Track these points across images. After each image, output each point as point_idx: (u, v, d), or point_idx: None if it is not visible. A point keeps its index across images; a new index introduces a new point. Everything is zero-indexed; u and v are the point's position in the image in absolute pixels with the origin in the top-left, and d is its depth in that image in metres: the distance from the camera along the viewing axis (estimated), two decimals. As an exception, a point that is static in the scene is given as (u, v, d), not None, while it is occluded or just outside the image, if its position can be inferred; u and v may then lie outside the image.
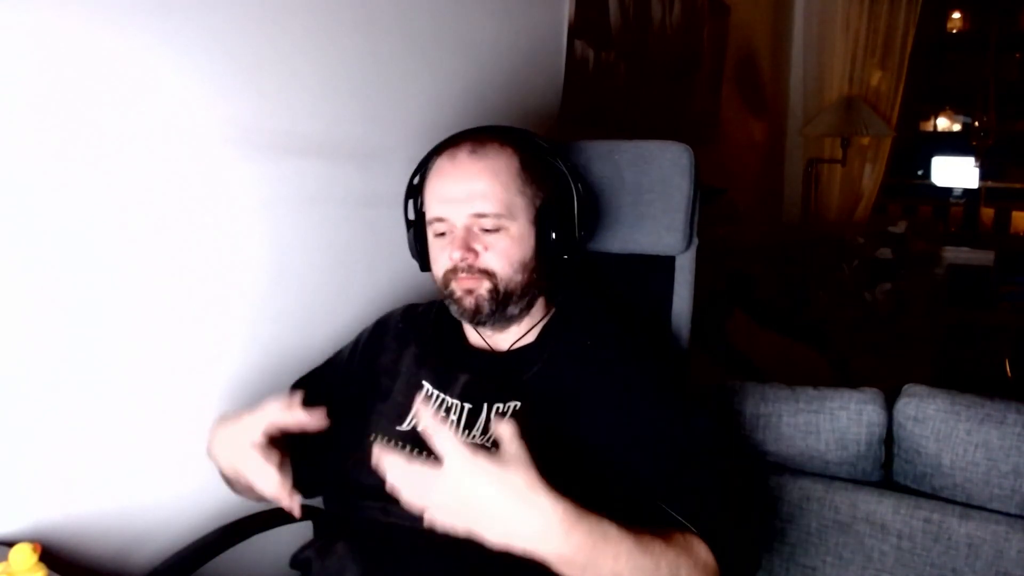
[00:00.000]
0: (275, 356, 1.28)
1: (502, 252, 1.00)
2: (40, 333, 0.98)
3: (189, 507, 1.18)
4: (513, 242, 1.01)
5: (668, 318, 1.27)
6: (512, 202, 1.01)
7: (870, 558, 1.19)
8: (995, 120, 4.88)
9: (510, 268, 1.00)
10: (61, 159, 0.97)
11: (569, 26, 2.00)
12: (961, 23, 5.37)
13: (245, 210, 1.21)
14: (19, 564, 0.82)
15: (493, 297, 1.00)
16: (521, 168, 1.02)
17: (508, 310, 1.02)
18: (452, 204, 1.00)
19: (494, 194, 0.99)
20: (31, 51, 0.93)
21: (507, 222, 1.00)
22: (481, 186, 0.99)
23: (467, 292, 1.01)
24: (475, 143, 1.02)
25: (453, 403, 1.02)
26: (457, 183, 1.00)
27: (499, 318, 1.02)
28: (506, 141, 1.04)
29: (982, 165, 4.87)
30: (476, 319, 1.02)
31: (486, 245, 1.00)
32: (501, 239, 1.00)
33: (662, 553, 0.80)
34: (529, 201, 1.02)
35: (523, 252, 1.02)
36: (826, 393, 1.27)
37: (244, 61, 1.18)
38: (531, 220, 1.02)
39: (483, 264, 1.00)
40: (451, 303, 1.03)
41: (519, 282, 1.01)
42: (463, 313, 1.02)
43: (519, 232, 1.01)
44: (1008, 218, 5.20)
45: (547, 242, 1.03)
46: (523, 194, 1.02)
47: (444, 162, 1.03)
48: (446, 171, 1.02)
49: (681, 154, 1.24)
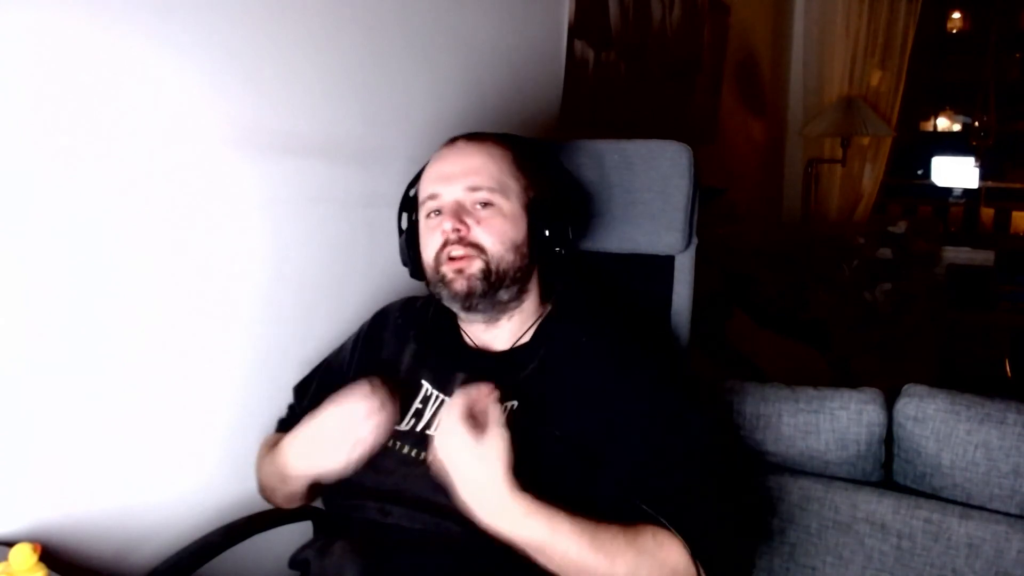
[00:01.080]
0: (275, 355, 1.28)
1: (494, 228, 1.01)
2: (40, 333, 0.98)
3: (189, 507, 1.18)
4: (505, 220, 1.01)
5: (668, 318, 1.27)
6: (505, 183, 1.02)
7: (870, 558, 1.19)
8: (995, 120, 4.88)
9: (501, 246, 1.01)
10: (62, 159, 0.97)
11: (569, 26, 2.00)
12: (961, 23, 5.37)
13: (245, 210, 1.21)
14: (19, 564, 0.82)
15: (485, 277, 1.00)
16: (514, 159, 1.05)
17: (499, 294, 1.02)
18: (446, 180, 1.02)
19: (487, 170, 1.01)
20: (32, 51, 0.93)
21: (499, 199, 1.01)
22: (476, 162, 1.02)
23: (458, 273, 1.00)
24: (472, 135, 1.07)
25: None
26: (454, 163, 1.03)
27: (490, 302, 1.02)
28: (501, 139, 1.07)
29: (982, 165, 4.87)
30: (468, 302, 1.01)
31: (478, 219, 1.01)
32: (494, 216, 1.01)
33: (620, 552, 0.84)
34: (522, 189, 1.04)
35: (515, 232, 1.02)
36: (826, 393, 1.27)
37: (245, 61, 1.18)
38: (523, 206, 1.03)
39: (474, 237, 1.00)
40: (442, 288, 1.02)
41: (510, 262, 1.01)
42: (454, 296, 1.01)
43: (511, 212, 1.02)
44: (1008, 218, 5.20)
45: (539, 230, 1.03)
46: (516, 179, 1.04)
47: (441, 150, 1.06)
48: (443, 154, 1.05)
49: (681, 153, 1.24)
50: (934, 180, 5.01)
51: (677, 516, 0.87)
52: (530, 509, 0.83)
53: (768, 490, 1.27)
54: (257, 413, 1.23)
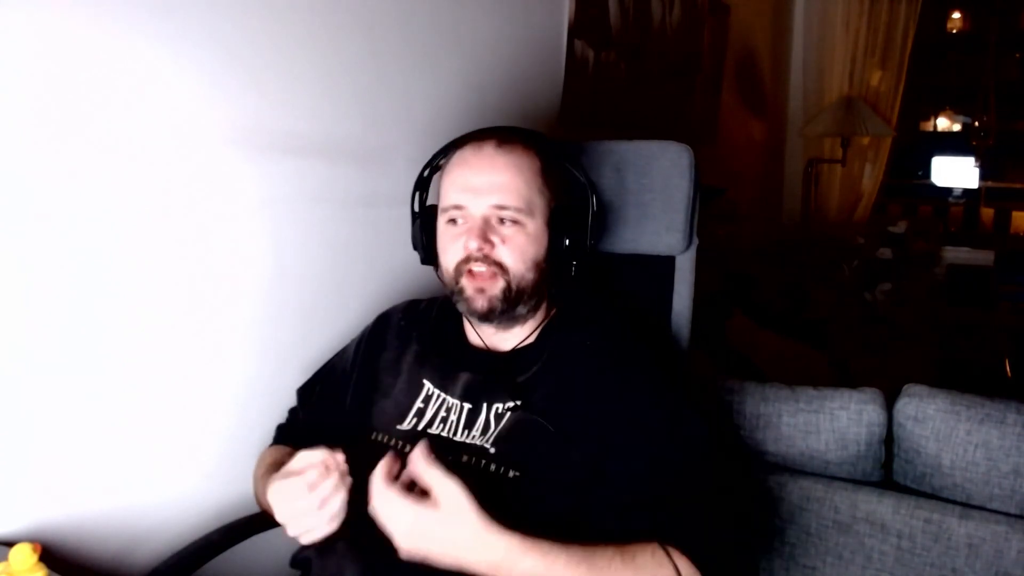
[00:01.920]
0: (275, 355, 1.28)
1: (518, 248, 1.00)
2: (40, 333, 0.98)
3: (189, 507, 1.18)
4: (529, 239, 1.00)
5: (668, 318, 1.27)
6: (532, 200, 1.01)
7: (870, 558, 1.19)
8: (995, 120, 4.88)
9: (523, 265, 1.00)
10: (62, 159, 0.97)
11: (569, 26, 2.00)
12: (961, 23, 5.37)
13: (245, 210, 1.21)
14: (19, 564, 0.82)
15: (506, 297, 0.99)
16: (541, 169, 1.03)
17: (517, 310, 1.02)
18: (473, 193, 1.00)
19: (516, 188, 0.99)
20: (32, 51, 0.93)
21: (525, 218, 1.00)
22: (505, 179, 0.99)
23: (479, 292, 0.99)
24: (501, 139, 1.03)
25: (453, 403, 1.02)
26: (481, 173, 1.00)
27: (507, 317, 1.02)
28: (529, 143, 1.05)
29: (982, 165, 4.87)
30: (487, 319, 1.01)
31: (503, 238, 0.99)
32: (518, 234, 1.00)
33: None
34: (547, 203, 1.03)
35: (537, 251, 1.01)
36: (826, 393, 1.27)
37: (245, 61, 1.18)
38: (546, 221, 1.02)
39: (497, 256, 0.99)
40: (460, 300, 1.02)
41: (531, 280, 1.01)
42: (472, 312, 1.01)
43: (535, 231, 1.01)
44: (1008, 218, 5.20)
45: (560, 245, 1.03)
46: (542, 194, 1.02)
47: (468, 153, 1.03)
48: (470, 161, 1.02)
49: (681, 154, 1.24)
50: (934, 180, 5.01)
51: (677, 531, 0.87)
52: (523, 546, 0.81)
53: (768, 490, 1.27)
54: (257, 413, 1.23)
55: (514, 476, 0.93)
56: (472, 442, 0.97)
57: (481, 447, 0.96)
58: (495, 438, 0.96)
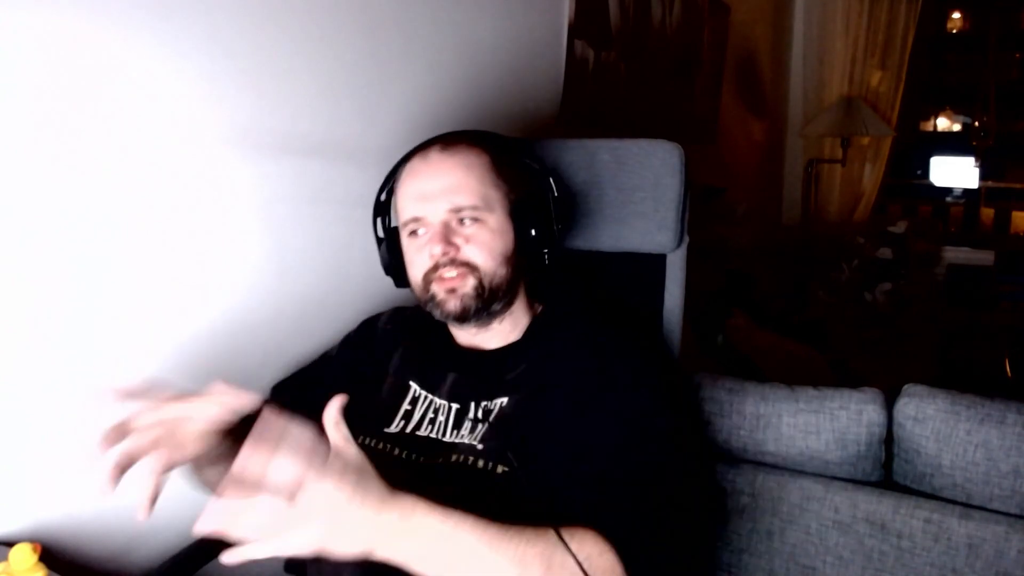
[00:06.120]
0: (274, 355, 1.28)
1: (483, 244, 0.99)
2: (40, 333, 0.98)
3: (189, 507, 1.17)
4: (493, 234, 1.00)
5: (660, 316, 1.27)
6: (488, 195, 1.00)
7: (870, 558, 1.19)
8: (995, 120, 4.88)
9: (493, 261, 0.99)
10: (61, 160, 0.97)
11: (569, 26, 2.00)
12: (961, 23, 5.37)
13: (245, 210, 1.21)
14: (19, 564, 0.82)
15: (479, 294, 0.98)
16: (492, 164, 1.02)
17: (493, 307, 1.01)
18: (428, 201, 0.99)
19: (469, 186, 0.99)
20: (31, 51, 0.93)
21: (485, 214, 0.99)
22: (455, 179, 0.99)
23: (450, 293, 0.98)
24: (446, 143, 1.02)
25: (440, 404, 1.02)
26: (431, 179, 1.00)
27: (484, 315, 1.01)
28: (475, 141, 1.04)
29: (982, 165, 4.87)
30: (462, 319, 1.00)
31: (466, 238, 0.98)
32: (481, 231, 0.99)
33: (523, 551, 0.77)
34: (504, 195, 1.02)
35: (504, 245, 1.01)
36: (826, 393, 1.27)
37: (244, 61, 1.18)
38: (508, 213, 1.02)
39: (465, 256, 0.98)
40: (433, 307, 1.00)
41: (503, 276, 1.00)
42: (447, 316, 1.00)
43: (498, 224, 1.00)
44: (1008, 218, 5.20)
45: (526, 235, 1.02)
46: (497, 187, 1.01)
47: (415, 163, 1.02)
48: (418, 170, 1.01)
49: (671, 152, 1.24)
50: (934, 180, 5.01)
51: (603, 515, 0.84)
52: (427, 504, 0.76)
53: (768, 490, 1.27)
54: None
55: (503, 472, 0.92)
56: (461, 441, 0.97)
57: (470, 445, 0.96)
58: (483, 435, 0.96)
